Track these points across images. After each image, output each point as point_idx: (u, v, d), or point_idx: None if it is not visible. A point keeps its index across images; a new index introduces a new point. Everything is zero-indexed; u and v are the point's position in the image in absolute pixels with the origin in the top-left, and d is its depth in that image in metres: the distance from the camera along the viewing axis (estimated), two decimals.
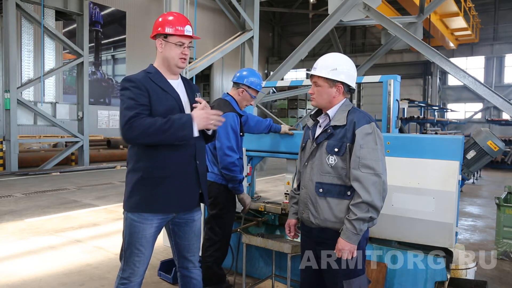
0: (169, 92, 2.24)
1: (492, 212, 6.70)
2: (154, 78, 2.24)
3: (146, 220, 2.20)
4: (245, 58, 10.96)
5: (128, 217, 2.22)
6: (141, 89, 2.15)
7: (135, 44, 19.97)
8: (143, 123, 2.06)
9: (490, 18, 24.30)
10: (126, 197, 2.24)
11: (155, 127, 2.06)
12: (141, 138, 2.09)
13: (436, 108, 20.73)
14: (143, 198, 2.18)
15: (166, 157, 2.19)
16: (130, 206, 2.21)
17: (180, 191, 2.24)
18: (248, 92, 3.25)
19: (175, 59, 2.25)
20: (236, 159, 3.07)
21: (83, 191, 8.61)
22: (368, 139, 2.07)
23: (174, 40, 2.23)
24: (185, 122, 2.10)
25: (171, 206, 2.24)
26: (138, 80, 2.18)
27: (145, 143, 2.14)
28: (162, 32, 2.23)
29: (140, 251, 2.22)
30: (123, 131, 2.09)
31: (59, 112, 12.57)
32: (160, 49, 2.27)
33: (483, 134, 3.25)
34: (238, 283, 3.44)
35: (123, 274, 2.25)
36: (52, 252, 4.58)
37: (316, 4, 25.43)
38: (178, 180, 2.22)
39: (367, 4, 9.85)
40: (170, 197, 2.21)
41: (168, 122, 2.08)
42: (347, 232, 2.04)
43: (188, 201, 2.30)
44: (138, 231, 2.20)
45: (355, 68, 2.28)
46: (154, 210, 2.20)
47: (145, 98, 2.14)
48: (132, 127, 2.06)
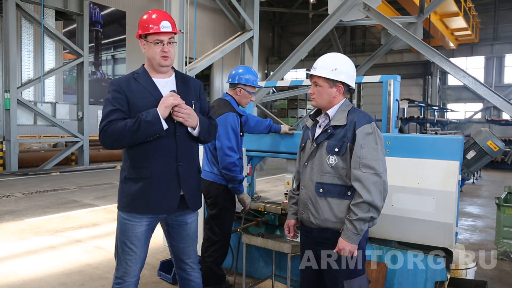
0: (150, 91, 2.23)
1: (492, 212, 6.70)
2: (139, 78, 2.25)
3: (135, 219, 2.22)
4: (245, 58, 10.95)
5: (120, 215, 2.27)
6: (119, 92, 2.18)
7: (135, 44, 19.94)
8: (113, 129, 2.10)
9: (490, 18, 24.29)
10: (118, 196, 2.30)
11: (126, 130, 2.09)
12: (115, 143, 2.15)
13: (436, 108, 20.72)
14: (128, 197, 2.22)
15: (144, 157, 2.19)
16: (120, 205, 2.27)
17: (158, 192, 2.20)
18: (245, 90, 3.25)
19: (156, 58, 2.23)
20: (236, 159, 3.07)
21: (83, 191, 8.61)
22: (369, 139, 2.07)
23: (151, 39, 2.20)
24: (152, 117, 2.11)
25: (151, 207, 2.22)
26: (118, 84, 2.21)
27: (122, 146, 2.20)
28: (140, 33, 2.23)
29: (131, 250, 2.22)
30: (100, 139, 2.17)
31: (59, 112, 12.57)
32: (143, 50, 2.26)
33: (483, 134, 3.24)
34: (238, 283, 3.44)
35: (117, 273, 2.26)
36: (52, 252, 4.58)
37: (316, 4, 25.42)
38: (157, 181, 2.19)
39: (367, 4, 9.85)
40: (149, 198, 2.19)
41: (136, 122, 2.10)
42: (348, 232, 2.04)
43: (168, 202, 2.23)
44: (128, 229, 2.22)
45: (355, 68, 2.28)
46: (137, 210, 2.21)
47: (121, 101, 2.17)
48: (106, 135, 2.13)
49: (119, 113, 2.15)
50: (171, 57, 2.26)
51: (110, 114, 2.15)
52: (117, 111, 2.15)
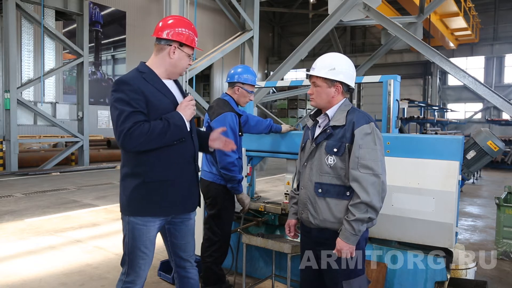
0: (164, 93, 2.21)
1: (492, 212, 6.70)
2: (149, 79, 2.18)
3: (149, 223, 2.19)
4: (245, 58, 10.95)
5: (131, 221, 2.17)
6: (137, 92, 2.09)
7: (135, 44, 19.98)
8: (142, 131, 2.03)
9: (490, 18, 24.29)
10: (126, 202, 2.19)
11: (155, 133, 2.05)
12: (141, 145, 2.06)
13: (436, 108, 20.72)
14: (146, 202, 2.16)
15: (166, 160, 2.18)
16: (132, 210, 2.17)
17: (182, 193, 2.25)
18: (244, 89, 3.24)
19: (182, 68, 2.27)
20: (235, 159, 3.06)
21: (83, 191, 8.61)
22: (367, 139, 2.06)
23: (188, 51, 2.24)
24: (180, 121, 2.14)
25: (174, 208, 2.25)
26: (134, 83, 2.11)
27: (146, 148, 2.10)
28: (183, 42, 2.20)
29: (145, 253, 2.22)
30: (123, 141, 2.04)
31: (59, 112, 12.57)
32: (171, 56, 2.21)
33: (483, 134, 3.24)
34: (238, 283, 3.44)
35: (128, 277, 2.22)
36: (52, 252, 4.58)
37: (316, 4, 25.43)
38: (179, 182, 2.22)
39: (367, 4, 9.85)
40: (173, 200, 2.22)
41: (165, 125, 2.08)
42: (346, 233, 2.03)
43: (190, 202, 2.32)
44: (142, 234, 2.18)
45: (354, 67, 2.28)
46: (157, 213, 2.20)
47: (141, 102, 2.09)
48: (132, 137, 2.03)
49: (141, 115, 2.08)
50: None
51: (133, 116, 2.05)
52: (139, 113, 2.07)
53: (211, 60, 10.00)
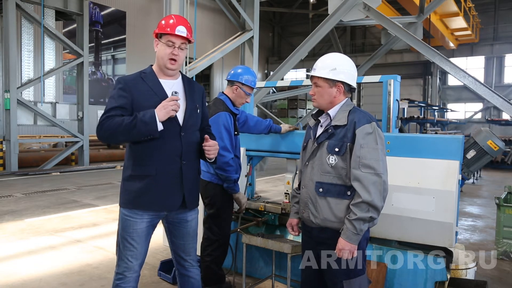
0: (156, 91, 2.25)
1: (492, 212, 6.70)
2: (146, 78, 2.27)
3: (136, 215, 2.25)
4: (245, 58, 10.95)
5: (121, 212, 2.29)
6: (125, 90, 2.21)
7: (135, 44, 19.97)
8: (111, 123, 2.14)
9: (490, 18, 24.29)
10: (120, 193, 2.32)
11: (122, 126, 2.12)
12: (110, 137, 2.20)
13: (436, 108, 20.74)
14: (131, 194, 2.24)
15: (149, 155, 2.22)
16: (122, 202, 2.29)
17: (163, 190, 2.24)
18: (242, 90, 3.23)
19: (164, 59, 2.25)
20: (231, 158, 3.05)
21: (83, 191, 8.61)
22: (369, 138, 2.06)
23: (164, 39, 2.24)
24: (149, 118, 2.13)
25: (154, 204, 2.25)
26: (125, 82, 2.24)
27: (117, 142, 2.29)
28: (157, 32, 2.27)
29: (132, 246, 2.25)
30: (96, 132, 2.21)
31: (59, 112, 12.57)
32: (155, 49, 2.29)
33: (483, 134, 3.25)
34: (238, 283, 3.44)
35: (118, 269, 2.29)
36: (52, 252, 4.57)
37: (316, 4, 25.43)
38: (160, 179, 2.23)
39: (367, 4, 9.86)
40: (153, 196, 2.23)
41: (133, 120, 2.12)
42: (348, 232, 2.03)
43: (171, 200, 2.28)
44: (129, 226, 2.25)
45: (355, 67, 2.28)
46: (139, 207, 2.24)
47: (124, 99, 2.19)
48: (102, 128, 2.16)
49: (119, 110, 2.18)
50: (179, 62, 2.29)
51: (111, 109, 2.18)
52: (118, 108, 2.18)
53: (211, 60, 10.00)
